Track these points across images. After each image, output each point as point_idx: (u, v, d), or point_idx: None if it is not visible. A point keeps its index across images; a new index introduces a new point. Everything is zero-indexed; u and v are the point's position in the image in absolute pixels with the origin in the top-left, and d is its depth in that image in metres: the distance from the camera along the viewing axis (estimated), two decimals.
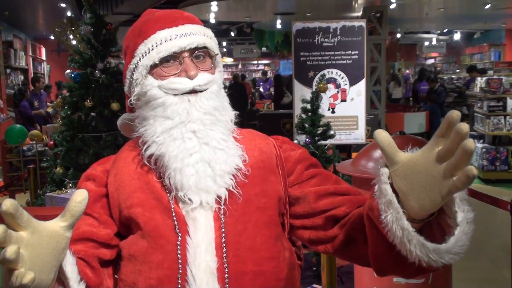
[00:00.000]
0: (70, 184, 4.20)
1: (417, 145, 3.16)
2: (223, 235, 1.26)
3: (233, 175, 1.28)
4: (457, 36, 18.36)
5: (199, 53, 1.34)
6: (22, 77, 13.95)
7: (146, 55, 1.32)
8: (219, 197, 1.27)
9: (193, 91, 1.30)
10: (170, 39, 1.31)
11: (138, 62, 1.34)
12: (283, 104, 12.73)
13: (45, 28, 14.33)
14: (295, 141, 4.47)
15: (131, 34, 1.41)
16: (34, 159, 7.76)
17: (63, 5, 10.34)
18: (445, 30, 17.85)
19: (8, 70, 12.35)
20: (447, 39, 19.87)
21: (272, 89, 17.15)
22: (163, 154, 1.27)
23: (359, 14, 9.68)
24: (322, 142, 4.34)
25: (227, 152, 1.28)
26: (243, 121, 13.82)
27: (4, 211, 0.85)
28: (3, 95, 11.23)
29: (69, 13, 10.35)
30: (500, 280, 4.49)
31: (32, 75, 15.04)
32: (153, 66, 1.33)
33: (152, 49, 1.32)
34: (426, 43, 20.33)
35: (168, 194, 1.28)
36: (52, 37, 13.54)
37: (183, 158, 1.26)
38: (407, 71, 19.22)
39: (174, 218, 1.26)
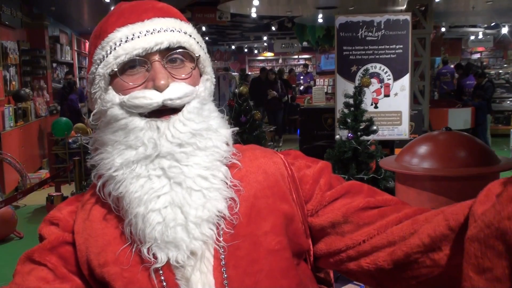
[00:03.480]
0: None
1: (463, 142, 3.06)
2: None
3: (216, 224, 0.98)
4: (504, 30, 17.81)
5: (175, 56, 1.02)
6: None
7: (102, 61, 1.02)
8: (217, 243, 0.98)
9: (164, 109, 0.98)
10: (131, 39, 1.00)
11: (95, 71, 1.03)
12: (269, 99, 12.60)
13: (90, 23, 14.64)
14: (337, 137, 4.42)
15: (92, 35, 1.11)
16: (79, 151, 7.94)
17: (107, 0, 10.52)
18: (492, 24, 17.34)
19: (54, 64, 12.68)
20: (494, 33, 19.31)
21: (312, 83, 17.06)
22: (122, 194, 0.98)
23: (403, 8, 9.51)
24: (365, 137, 4.28)
25: (205, 194, 0.97)
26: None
27: None
28: (50, 89, 11.54)
29: (112, 8, 10.55)
30: None
31: (77, 70, 15.43)
32: (114, 75, 1.02)
33: (110, 52, 1.01)
34: (472, 37, 19.81)
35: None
36: None
37: (148, 201, 0.96)
38: (452, 66, 18.79)
39: (162, 278, 0.96)
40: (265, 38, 21.46)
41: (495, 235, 0.75)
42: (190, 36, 1.05)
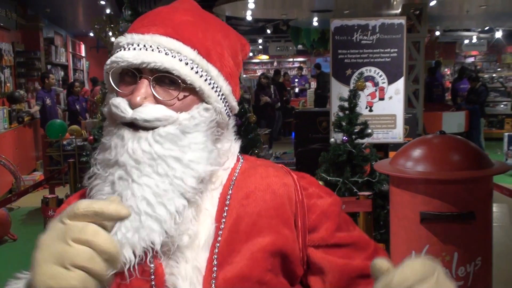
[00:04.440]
0: None
1: (457, 146, 3.07)
2: None
3: (147, 251, 0.93)
4: (498, 34, 17.92)
5: (170, 79, 0.98)
6: (62, 73, 14.28)
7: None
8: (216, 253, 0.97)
9: (134, 125, 0.96)
10: (128, 48, 0.99)
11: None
12: (262, 105, 12.40)
13: (84, 25, 14.63)
14: (332, 140, 4.43)
15: None
16: (73, 153, 7.91)
17: (102, 2, 10.51)
18: (486, 28, 17.43)
19: (49, 66, 12.66)
20: (488, 37, 19.41)
21: (307, 85, 17.10)
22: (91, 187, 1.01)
23: (397, 11, 9.54)
24: (359, 140, 4.30)
25: (142, 220, 0.91)
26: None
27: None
28: None
29: (108, 11, 10.54)
30: None
31: (71, 71, 15.39)
32: (120, 77, 1.03)
33: (112, 55, 1.02)
34: (466, 41, 19.91)
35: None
36: (91, 34, 13.83)
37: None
38: (446, 70, 18.88)
39: (153, 283, 0.95)
40: (260, 41, 21.48)
41: None
42: (188, 63, 0.99)
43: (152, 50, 0.97)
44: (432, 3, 9.14)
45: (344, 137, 4.24)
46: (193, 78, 0.99)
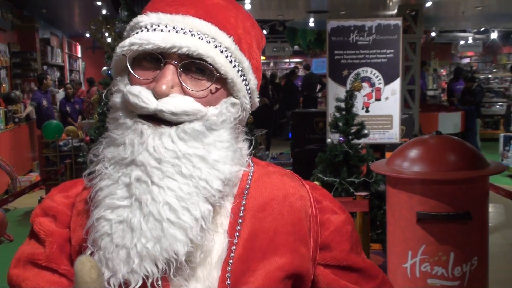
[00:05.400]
0: None
1: (453, 146, 3.08)
2: None
3: (167, 263, 0.82)
4: (494, 35, 17.97)
5: (198, 66, 0.87)
6: (58, 74, 14.25)
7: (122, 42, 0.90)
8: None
9: (155, 118, 0.85)
10: (154, 29, 0.87)
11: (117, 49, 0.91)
12: (259, 107, 12.20)
13: (81, 26, 14.60)
14: (328, 140, 4.44)
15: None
16: (70, 154, 7.91)
17: (98, 3, 10.50)
18: (482, 29, 17.48)
19: (45, 67, 12.64)
20: (483, 38, 19.46)
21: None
22: (93, 186, 0.88)
23: (393, 12, 9.56)
24: (356, 141, 4.31)
25: (165, 228, 0.80)
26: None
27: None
28: None
29: (104, 11, 10.53)
30: None
31: (67, 72, 15.37)
32: (134, 62, 0.90)
33: (131, 35, 0.90)
34: (462, 42, 19.95)
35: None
36: (87, 35, 13.82)
37: (104, 206, 0.84)
38: (442, 70, 18.93)
39: None
40: None
41: None
42: (223, 51, 0.88)
43: (184, 33, 0.86)
44: (428, 4, 9.16)
45: (341, 138, 4.25)
46: (227, 68, 0.88)
